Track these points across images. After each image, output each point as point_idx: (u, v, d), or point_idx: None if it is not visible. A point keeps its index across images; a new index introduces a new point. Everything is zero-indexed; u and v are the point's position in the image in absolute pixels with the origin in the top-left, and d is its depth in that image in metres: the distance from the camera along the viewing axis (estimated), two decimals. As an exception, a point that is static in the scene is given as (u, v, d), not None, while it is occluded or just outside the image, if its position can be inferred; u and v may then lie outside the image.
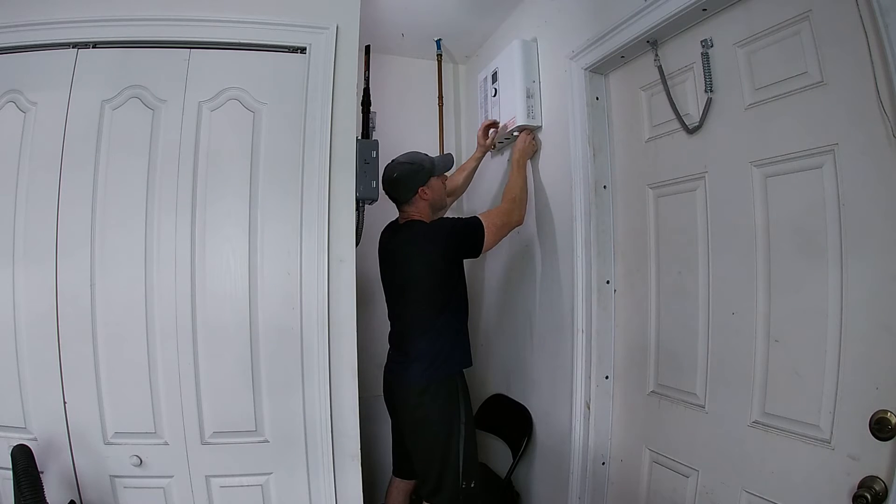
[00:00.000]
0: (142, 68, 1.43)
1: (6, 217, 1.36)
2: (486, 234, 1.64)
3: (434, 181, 1.76)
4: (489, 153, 2.25)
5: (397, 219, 1.82)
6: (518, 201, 1.75)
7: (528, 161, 1.88)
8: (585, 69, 1.60)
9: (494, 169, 2.22)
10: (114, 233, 1.38)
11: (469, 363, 1.74)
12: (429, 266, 1.64)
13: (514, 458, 1.92)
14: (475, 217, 1.67)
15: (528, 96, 1.83)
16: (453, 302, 1.70)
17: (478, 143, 2.03)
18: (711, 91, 1.24)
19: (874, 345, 0.91)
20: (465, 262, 1.77)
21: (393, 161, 1.77)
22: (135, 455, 1.37)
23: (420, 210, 1.74)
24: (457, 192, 2.09)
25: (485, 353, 2.33)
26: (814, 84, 1.02)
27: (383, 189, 1.73)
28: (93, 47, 1.43)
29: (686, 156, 1.33)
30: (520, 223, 1.78)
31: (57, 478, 1.36)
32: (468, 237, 1.64)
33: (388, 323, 1.82)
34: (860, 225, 0.94)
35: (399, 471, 1.86)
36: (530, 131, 1.87)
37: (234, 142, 1.44)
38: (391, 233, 1.82)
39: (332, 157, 1.45)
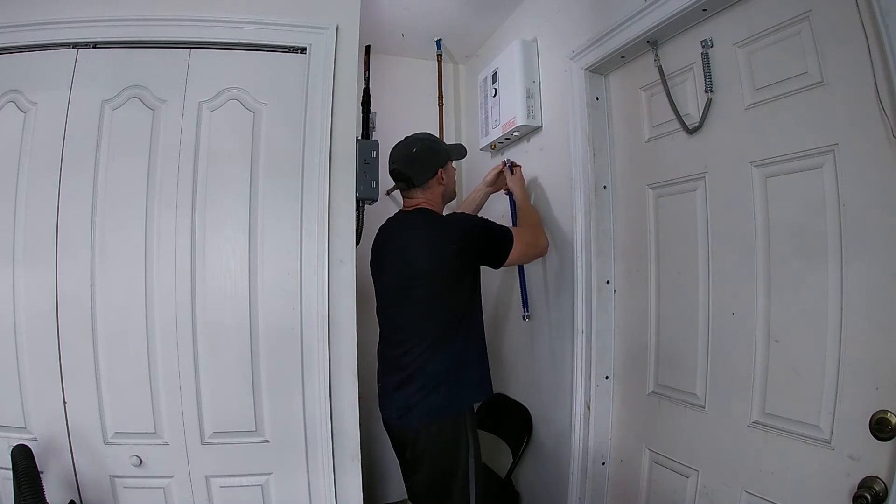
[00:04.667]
0: (142, 68, 1.43)
1: (6, 217, 1.36)
2: (514, 242, 1.48)
3: (451, 167, 1.61)
4: (491, 155, 2.25)
5: (398, 211, 1.63)
6: (541, 227, 1.63)
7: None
8: (585, 69, 1.60)
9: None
10: (114, 233, 1.38)
11: (484, 396, 1.53)
12: (442, 265, 1.42)
13: (514, 458, 1.92)
14: (503, 225, 1.52)
15: (528, 96, 1.83)
16: (470, 319, 1.48)
17: (486, 183, 1.84)
18: (711, 91, 1.24)
19: (874, 345, 0.91)
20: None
21: (407, 138, 1.59)
22: (135, 455, 1.37)
23: (433, 197, 1.56)
24: None
25: (485, 353, 2.32)
26: (814, 84, 1.02)
27: (392, 170, 1.56)
28: (93, 47, 1.43)
29: (686, 156, 1.33)
30: (545, 251, 1.63)
31: (57, 478, 1.36)
32: (493, 240, 1.48)
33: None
34: (860, 225, 0.94)
35: (414, 498, 1.62)
36: (519, 165, 1.82)
37: (235, 142, 1.43)
38: (396, 221, 1.60)
39: (332, 157, 1.45)
